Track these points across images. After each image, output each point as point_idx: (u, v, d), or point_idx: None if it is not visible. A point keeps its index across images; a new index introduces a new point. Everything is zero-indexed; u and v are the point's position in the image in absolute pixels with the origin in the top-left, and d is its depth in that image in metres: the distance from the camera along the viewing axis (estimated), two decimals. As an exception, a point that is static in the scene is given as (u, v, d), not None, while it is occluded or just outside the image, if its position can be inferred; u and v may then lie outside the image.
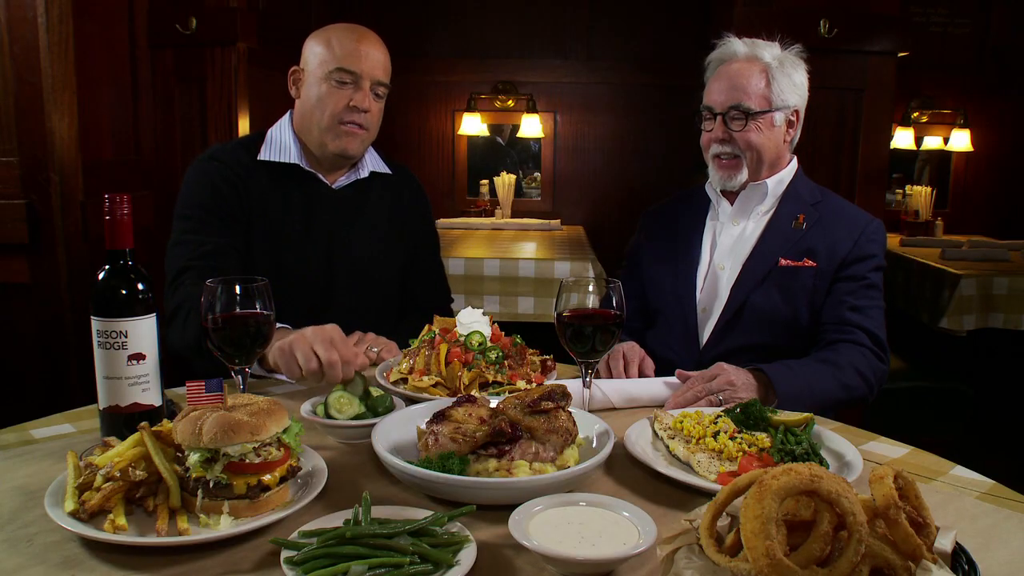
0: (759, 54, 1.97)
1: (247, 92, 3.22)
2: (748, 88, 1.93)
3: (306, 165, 2.01)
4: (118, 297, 1.27)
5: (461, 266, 3.65)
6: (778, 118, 1.97)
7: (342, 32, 1.95)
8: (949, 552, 0.80)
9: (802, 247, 1.94)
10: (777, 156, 2.01)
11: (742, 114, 1.93)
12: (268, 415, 1.11)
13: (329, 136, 1.95)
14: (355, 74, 1.92)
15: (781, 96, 1.95)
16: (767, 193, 2.01)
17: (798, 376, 1.70)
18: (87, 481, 1.09)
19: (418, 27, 5.42)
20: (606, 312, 1.41)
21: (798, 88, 1.99)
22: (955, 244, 4.43)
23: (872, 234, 1.95)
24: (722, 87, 1.97)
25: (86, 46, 2.72)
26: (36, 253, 2.62)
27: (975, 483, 1.27)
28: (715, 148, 1.99)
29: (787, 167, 2.05)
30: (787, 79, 1.96)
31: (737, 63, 1.98)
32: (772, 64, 1.95)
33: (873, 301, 1.91)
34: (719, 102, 1.96)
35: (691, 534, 0.85)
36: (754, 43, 1.99)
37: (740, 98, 1.93)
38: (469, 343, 1.67)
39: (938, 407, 3.43)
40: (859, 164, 3.27)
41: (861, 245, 1.92)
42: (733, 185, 2.01)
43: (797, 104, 2.00)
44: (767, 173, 2.01)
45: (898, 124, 5.32)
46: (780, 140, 2.00)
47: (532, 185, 5.68)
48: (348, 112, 1.92)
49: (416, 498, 1.17)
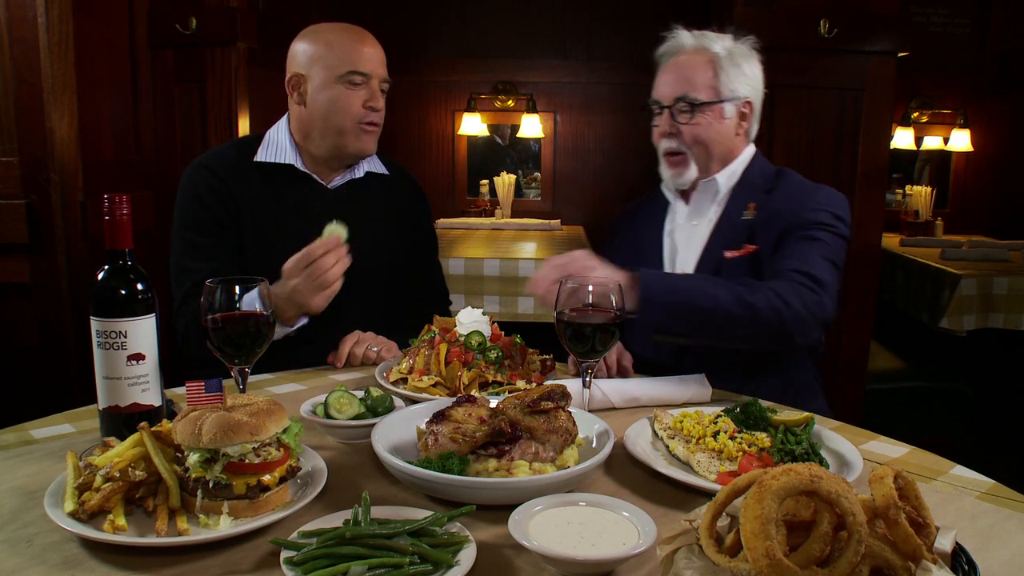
0: (707, 45, 1.93)
1: (247, 92, 3.22)
2: (695, 79, 1.89)
3: (302, 166, 2.01)
4: (118, 297, 1.27)
5: (461, 266, 3.65)
6: (728, 109, 1.92)
7: (340, 33, 1.96)
8: (949, 552, 0.80)
9: (746, 234, 1.88)
10: (728, 149, 1.96)
11: (688, 105, 1.89)
12: (268, 415, 1.11)
13: (351, 138, 1.96)
14: (366, 75, 1.94)
15: (730, 87, 1.90)
16: (719, 189, 1.96)
17: (679, 281, 1.63)
18: (87, 481, 1.09)
19: (418, 27, 5.42)
20: (606, 312, 1.40)
21: (750, 79, 1.94)
22: (955, 244, 4.43)
23: (816, 204, 1.84)
24: (669, 79, 1.93)
25: (86, 46, 2.72)
26: (36, 253, 2.62)
27: (975, 483, 1.27)
28: (664, 143, 1.95)
29: (739, 158, 1.98)
30: (736, 70, 1.91)
31: (685, 55, 1.94)
32: (720, 54, 1.91)
33: (812, 245, 1.77)
34: (666, 94, 1.93)
35: (691, 534, 0.85)
36: (703, 35, 1.96)
37: (686, 89, 1.89)
38: (469, 343, 1.67)
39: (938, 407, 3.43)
40: (859, 164, 3.27)
41: (802, 215, 1.82)
42: (683, 183, 1.96)
43: (749, 95, 1.94)
44: (718, 167, 1.96)
45: (898, 124, 5.32)
46: (731, 132, 1.94)
47: (532, 185, 5.68)
48: (367, 113, 1.95)
49: (416, 498, 1.17)
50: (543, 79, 5.48)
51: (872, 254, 3.32)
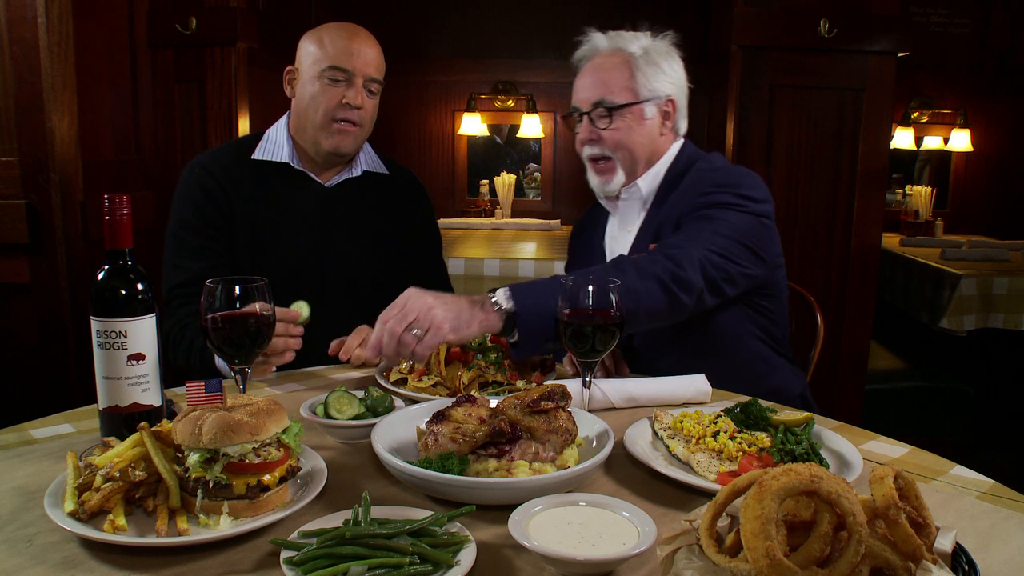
0: (622, 46, 1.89)
1: (247, 92, 3.22)
2: (610, 82, 1.85)
3: (297, 164, 2.02)
4: (118, 297, 1.27)
5: (461, 266, 3.65)
6: (648, 110, 1.88)
7: (334, 31, 1.97)
8: (949, 552, 0.80)
9: (654, 234, 1.83)
10: (652, 150, 1.91)
11: (606, 111, 1.85)
12: (268, 415, 1.11)
13: (323, 134, 1.96)
14: (348, 72, 1.93)
15: (648, 86, 1.86)
16: (640, 194, 1.93)
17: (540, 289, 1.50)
18: (87, 481, 1.09)
19: (418, 27, 5.42)
20: (606, 312, 1.40)
21: (669, 76, 1.90)
22: (955, 244, 4.43)
23: (710, 187, 1.77)
24: (585, 84, 1.90)
25: (86, 46, 2.72)
26: (36, 253, 2.62)
27: (975, 483, 1.27)
28: (586, 150, 1.91)
29: (663, 159, 1.94)
30: (654, 68, 1.87)
31: (599, 58, 1.90)
32: (636, 54, 1.87)
33: (703, 225, 1.70)
34: (583, 100, 1.89)
35: (691, 534, 0.85)
36: (618, 35, 1.92)
37: (603, 93, 1.85)
38: (469, 343, 1.67)
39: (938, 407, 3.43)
40: (859, 164, 3.27)
41: (695, 201, 1.76)
42: (611, 189, 1.93)
43: (671, 93, 1.90)
44: (644, 169, 1.92)
45: (898, 124, 5.32)
46: (654, 133, 1.90)
47: (532, 185, 5.68)
48: (341, 109, 1.94)
49: (416, 498, 1.17)
50: (543, 79, 5.48)
51: (872, 254, 3.32)
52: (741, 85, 3.24)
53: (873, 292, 3.35)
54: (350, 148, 2.01)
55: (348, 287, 2.06)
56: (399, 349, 1.41)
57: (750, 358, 1.88)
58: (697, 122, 2.07)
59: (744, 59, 3.23)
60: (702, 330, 1.81)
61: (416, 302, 1.44)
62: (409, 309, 1.42)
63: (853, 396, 3.39)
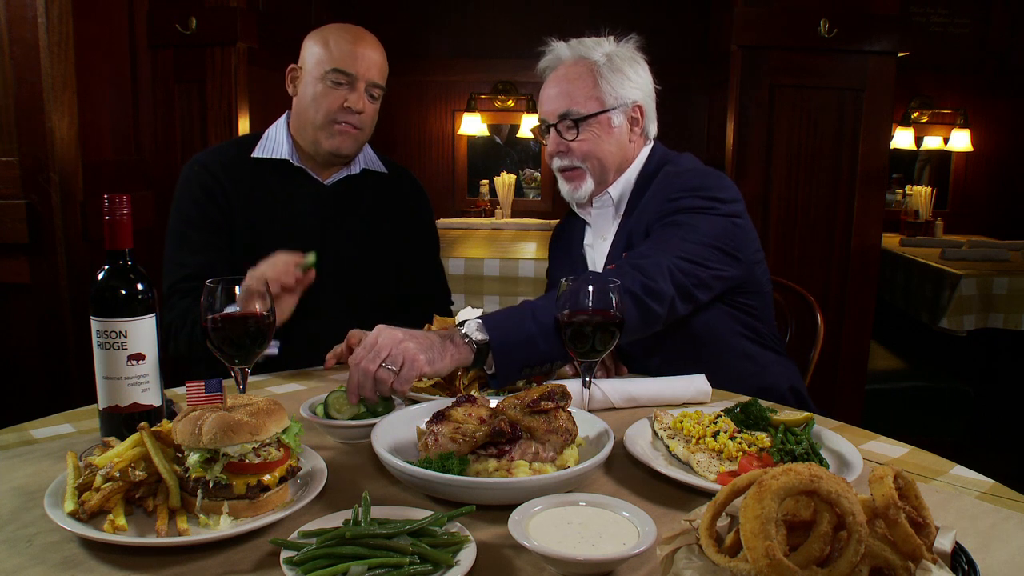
0: (586, 54, 1.87)
1: (247, 92, 3.22)
2: (574, 92, 1.83)
3: (296, 161, 2.02)
4: (118, 297, 1.27)
5: (461, 266, 3.65)
6: (615, 118, 1.86)
7: (339, 33, 1.97)
8: (949, 552, 0.80)
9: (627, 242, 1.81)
10: (622, 158, 1.90)
11: (573, 122, 1.83)
12: (268, 415, 1.11)
13: (323, 135, 1.97)
14: (351, 75, 1.93)
15: (614, 94, 1.84)
16: (611, 202, 1.92)
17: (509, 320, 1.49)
18: (87, 481, 1.09)
19: (418, 27, 5.42)
20: (606, 312, 1.40)
21: (635, 82, 1.88)
22: (955, 244, 4.43)
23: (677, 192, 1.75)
24: (551, 95, 1.87)
25: (86, 46, 2.72)
26: (36, 253, 2.63)
27: (975, 483, 1.27)
28: (555, 162, 1.90)
29: (633, 165, 1.92)
30: (618, 75, 1.85)
31: (564, 67, 1.88)
32: (600, 62, 1.85)
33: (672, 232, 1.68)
34: (549, 112, 1.87)
35: (691, 534, 0.85)
36: (580, 43, 1.90)
37: (568, 104, 1.83)
38: (469, 343, 1.66)
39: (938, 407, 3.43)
40: (859, 164, 3.27)
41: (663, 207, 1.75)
42: (581, 196, 1.92)
43: (638, 98, 1.88)
44: (615, 176, 1.91)
45: (898, 124, 5.32)
46: (623, 140, 1.88)
47: (532, 185, 5.68)
48: (342, 112, 1.94)
49: (416, 498, 1.17)
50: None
51: (872, 254, 3.32)
52: (741, 85, 3.24)
53: (873, 292, 3.35)
54: (350, 150, 2.02)
55: (345, 284, 2.07)
56: (377, 387, 1.38)
57: (736, 357, 1.87)
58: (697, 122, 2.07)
59: (744, 59, 3.23)
60: (685, 332, 1.81)
61: (386, 338, 1.39)
62: (381, 346, 1.38)
63: (853, 396, 3.39)
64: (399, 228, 2.16)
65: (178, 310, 1.91)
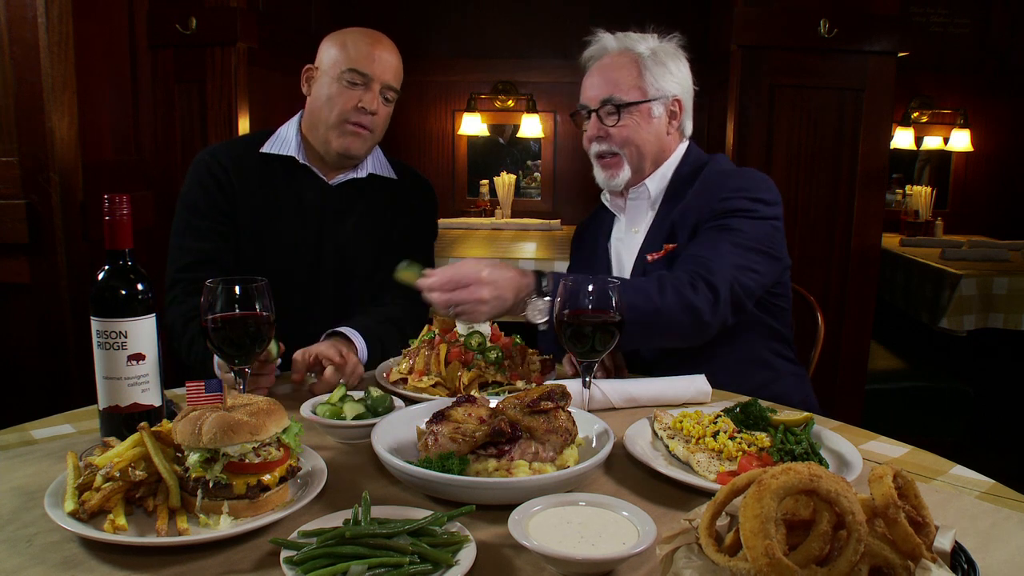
0: (631, 46, 1.92)
1: (247, 92, 3.22)
2: (619, 80, 1.88)
3: (303, 159, 2.03)
4: (118, 297, 1.27)
5: (461, 266, 3.64)
6: (656, 109, 1.91)
7: (358, 35, 1.98)
8: (948, 551, 0.80)
9: (667, 233, 1.85)
10: (659, 149, 1.94)
11: (615, 107, 1.88)
12: (268, 415, 1.11)
13: (334, 134, 1.97)
14: (366, 76, 1.94)
15: (656, 85, 1.89)
16: (648, 194, 1.95)
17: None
18: (87, 481, 1.09)
19: (418, 27, 5.42)
20: (606, 312, 1.40)
21: (676, 77, 1.93)
22: (955, 244, 4.43)
23: (729, 192, 1.80)
24: (594, 82, 1.92)
25: (86, 46, 2.72)
26: (36, 253, 2.62)
27: (975, 483, 1.27)
28: (594, 147, 1.94)
29: (670, 159, 1.96)
30: (662, 68, 1.90)
31: (608, 57, 1.93)
32: (645, 54, 1.90)
33: (723, 236, 1.74)
34: (592, 98, 1.92)
35: (690, 534, 0.85)
36: (626, 36, 1.95)
37: (611, 91, 1.88)
38: (469, 343, 1.67)
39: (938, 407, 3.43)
40: (859, 164, 3.27)
41: (714, 206, 1.79)
42: (617, 184, 1.95)
43: (678, 93, 1.93)
44: (651, 168, 1.95)
45: (898, 124, 5.32)
46: (661, 132, 1.93)
47: (532, 185, 5.68)
48: (355, 113, 1.95)
49: (416, 498, 1.17)
50: (543, 79, 5.48)
51: (872, 254, 3.32)
52: (741, 85, 3.24)
53: (873, 292, 3.35)
54: (360, 151, 2.02)
55: (341, 284, 2.07)
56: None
57: (754, 363, 1.88)
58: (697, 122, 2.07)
59: (744, 59, 3.23)
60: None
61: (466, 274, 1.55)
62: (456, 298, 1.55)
63: (853, 396, 3.39)
64: (398, 233, 2.15)
65: (180, 310, 1.90)
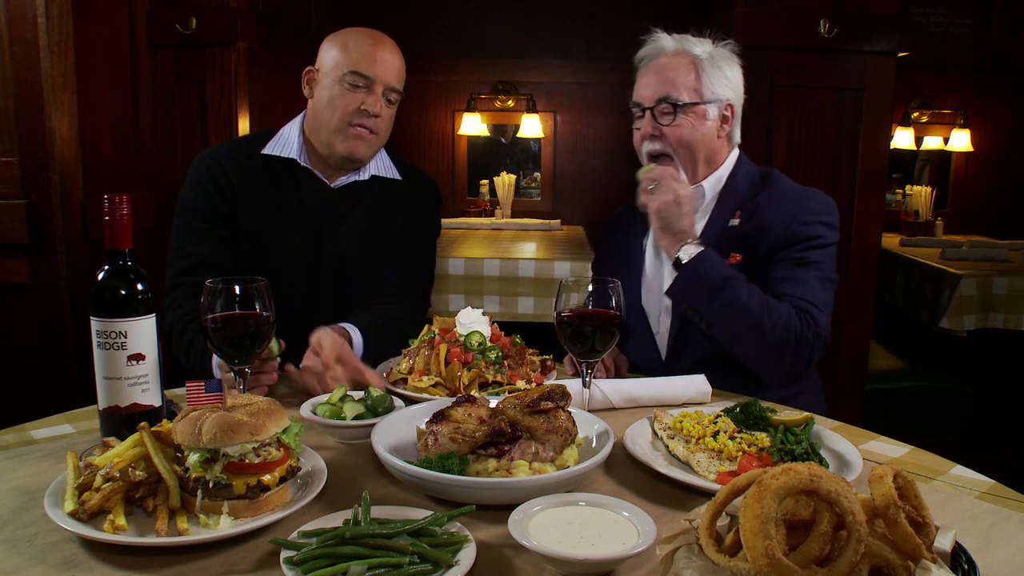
0: (688, 48, 1.92)
1: (247, 92, 3.22)
2: (676, 80, 1.88)
3: (304, 161, 2.02)
4: (118, 297, 1.27)
5: (461, 266, 3.65)
6: (710, 111, 1.90)
7: (359, 36, 1.97)
8: (948, 551, 0.80)
9: (732, 243, 1.86)
10: (712, 152, 1.94)
11: (671, 107, 1.87)
12: (268, 415, 1.11)
13: (338, 138, 1.96)
14: (369, 78, 1.93)
15: (712, 89, 1.89)
16: (704, 196, 1.94)
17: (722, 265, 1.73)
18: (87, 481, 1.09)
19: (418, 27, 5.42)
20: (606, 312, 1.40)
21: (731, 82, 1.93)
22: (955, 244, 4.43)
23: (808, 215, 1.83)
24: (650, 81, 1.92)
25: (86, 46, 2.72)
26: (36, 253, 2.62)
27: (975, 483, 1.27)
28: (646, 146, 1.93)
29: (725, 163, 1.97)
30: (718, 72, 1.90)
31: (665, 57, 1.93)
32: (702, 57, 1.90)
33: (807, 271, 1.79)
34: (647, 96, 1.91)
35: (691, 534, 0.85)
36: (683, 38, 1.95)
37: (668, 90, 1.88)
38: (469, 343, 1.67)
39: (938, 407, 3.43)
40: (859, 164, 3.27)
41: (794, 229, 1.81)
42: None
43: (731, 98, 1.93)
44: (704, 171, 1.94)
45: (898, 124, 5.32)
46: (713, 135, 1.92)
47: (532, 185, 5.68)
48: (358, 115, 1.94)
49: (416, 498, 1.17)
50: (543, 79, 5.48)
51: (872, 254, 3.32)
52: (741, 85, 3.24)
53: (873, 292, 3.35)
54: (364, 154, 2.01)
55: (340, 285, 2.07)
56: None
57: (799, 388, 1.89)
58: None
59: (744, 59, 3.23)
60: None
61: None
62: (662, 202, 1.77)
63: (853, 396, 3.39)
64: (402, 229, 2.15)
65: (178, 313, 1.90)
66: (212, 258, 1.96)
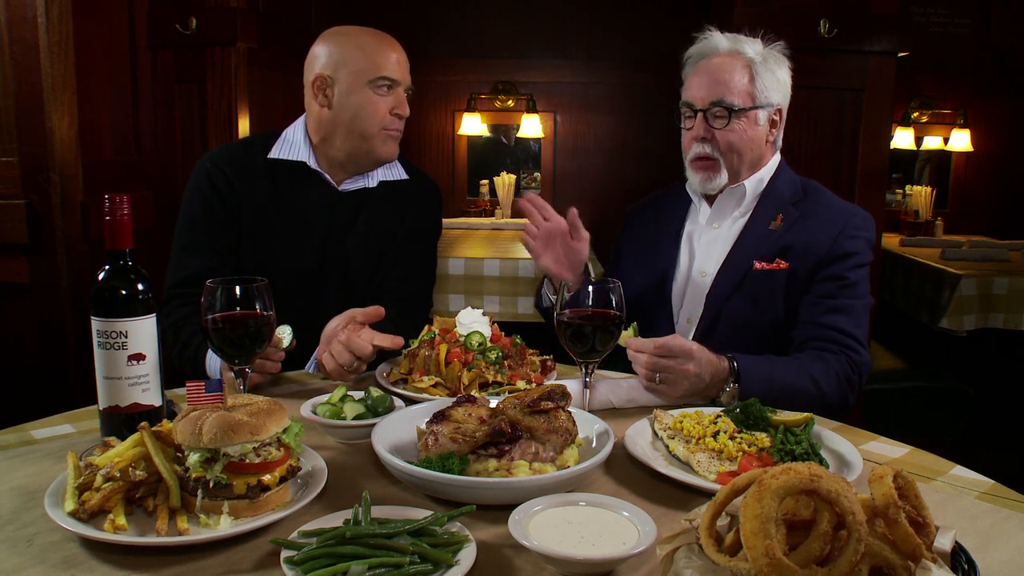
0: (742, 49, 1.89)
1: (247, 92, 3.22)
2: (731, 83, 1.85)
3: (315, 164, 2.01)
4: (118, 297, 1.27)
5: (461, 266, 3.65)
6: (761, 117, 1.88)
7: (370, 38, 1.97)
8: (949, 551, 0.80)
9: (777, 248, 1.85)
10: (758, 156, 1.93)
11: (725, 111, 1.85)
12: (268, 415, 1.11)
13: (376, 143, 1.97)
14: (395, 81, 1.96)
15: (765, 93, 1.87)
16: (745, 195, 1.93)
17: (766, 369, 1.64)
18: (87, 481, 1.09)
19: (418, 27, 5.42)
20: (606, 312, 1.41)
21: (782, 86, 1.91)
22: (955, 244, 4.43)
23: (853, 231, 1.84)
24: (703, 82, 1.88)
25: (86, 46, 2.72)
26: (36, 253, 2.62)
27: (975, 483, 1.27)
28: (696, 149, 1.90)
29: (767, 165, 1.96)
30: (771, 75, 1.88)
31: (719, 58, 1.89)
32: (756, 59, 1.87)
33: (854, 300, 1.81)
34: (700, 98, 1.88)
35: (691, 534, 0.85)
36: (736, 38, 1.92)
37: (723, 93, 1.85)
38: (469, 343, 1.67)
39: (938, 407, 3.42)
40: (859, 164, 3.27)
41: (840, 243, 1.82)
42: (712, 188, 1.92)
43: (780, 103, 1.92)
44: (747, 174, 1.93)
45: (898, 124, 5.32)
46: (762, 140, 1.91)
47: (532, 185, 5.68)
48: (392, 119, 1.97)
49: (416, 498, 1.17)
50: (543, 79, 5.48)
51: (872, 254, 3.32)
52: (741, 85, 3.23)
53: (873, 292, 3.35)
54: (396, 154, 2.05)
55: (347, 290, 2.06)
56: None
57: None
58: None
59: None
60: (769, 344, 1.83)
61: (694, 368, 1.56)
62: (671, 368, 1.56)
63: (853, 396, 3.39)
64: (405, 230, 2.14)
65: (173, 319, 1.90)
66: (209, 272, 1.92)
